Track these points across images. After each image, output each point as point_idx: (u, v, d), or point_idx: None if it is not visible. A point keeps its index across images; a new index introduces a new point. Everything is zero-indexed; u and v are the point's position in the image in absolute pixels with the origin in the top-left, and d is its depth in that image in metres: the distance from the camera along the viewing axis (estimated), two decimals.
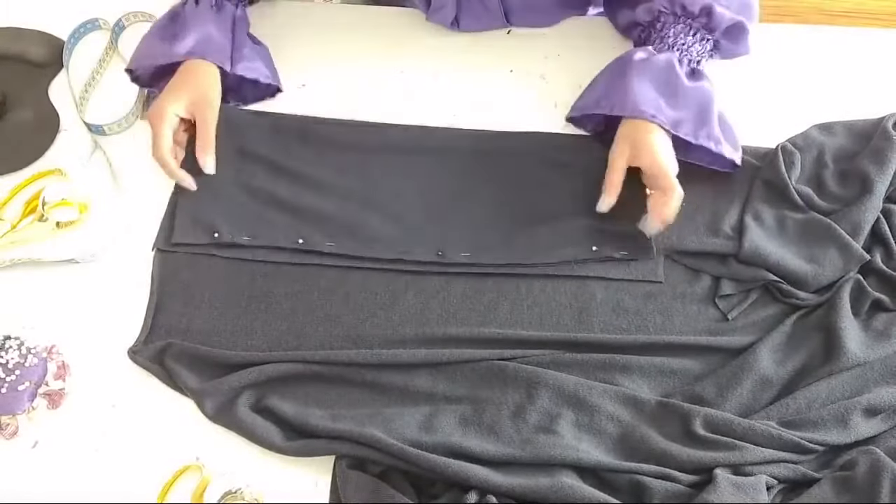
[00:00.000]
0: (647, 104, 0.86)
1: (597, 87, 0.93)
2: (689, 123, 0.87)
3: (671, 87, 0.88)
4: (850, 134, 0.95)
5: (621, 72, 0.90)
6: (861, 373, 0.79)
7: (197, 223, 0.87)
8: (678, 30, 0.91)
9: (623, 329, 0.83)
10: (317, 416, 0.75)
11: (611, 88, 0.90)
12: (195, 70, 0.91)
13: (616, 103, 0.88)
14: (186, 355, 0.79)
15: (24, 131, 0.95)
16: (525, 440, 0.74)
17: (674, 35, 0.91)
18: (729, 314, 0.84)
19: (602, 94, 0.91)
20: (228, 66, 0.92)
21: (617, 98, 0.88)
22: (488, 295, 0.85)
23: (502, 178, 0.92)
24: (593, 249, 0.86)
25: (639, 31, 0.96)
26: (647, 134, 0.85)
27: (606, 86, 0.91)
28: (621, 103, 0.88)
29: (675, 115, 0.87)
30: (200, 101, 0.90)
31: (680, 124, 0.87)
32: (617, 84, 0.89)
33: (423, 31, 1.04)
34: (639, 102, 0.86)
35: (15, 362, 0.76)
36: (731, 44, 0.93)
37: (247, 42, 0.97)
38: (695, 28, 0.91)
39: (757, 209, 0.89)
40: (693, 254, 0.87)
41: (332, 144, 0.94)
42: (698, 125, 0.87)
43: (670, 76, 0.88)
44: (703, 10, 0.89)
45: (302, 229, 0.88)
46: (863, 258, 0.85)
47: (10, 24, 1.03)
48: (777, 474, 0.73)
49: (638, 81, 0.87)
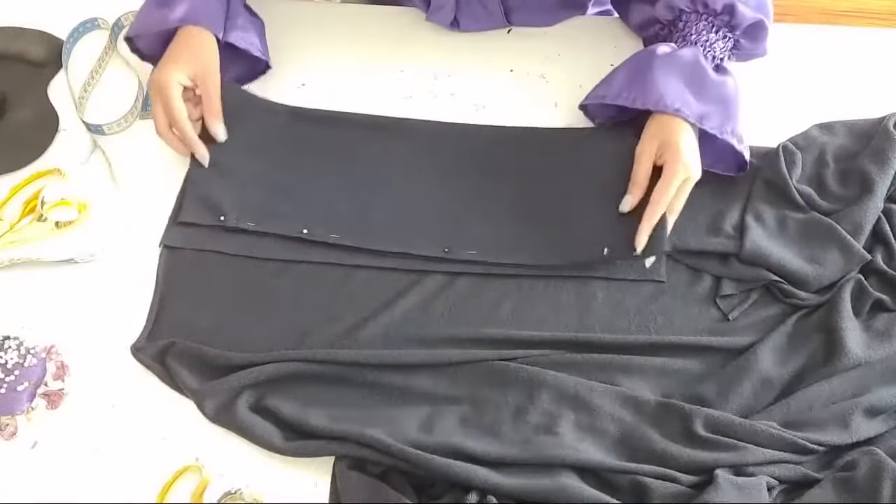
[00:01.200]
0: (673, 97, 0.85)
1: (617, 78, 0.91)
2: (715, 118, 0.86)
3: (698, 80, 0.87)
4: (851, 133, 0.95)
5: (645, 65, 0.89)
6: (862, 373, 0.79)
7: (205, 204, 0.88)
8: (700, 27, 0.90)
9: (624, 329, 0.82)
10: (317, 417, 0.75)
11: (634, 81, 0.89)
12: (192, 37, 0.90)
13: (639, 95, 0.87)
14: (188, 355, 0.79)
15: (24, 131, 0.95)
16: (525, 440, 0.74)
17: (696, 32, 0.90)
18: (730, 314, 0.84)
19: (624, 85, 0.89)
20: (221, 34, 0.91)
21: (640, 90, 0.87)
22: (491, 294, 0.84)
23: (514, 175, 0.91)
24: (604, 253, 0.85)
25: (657, 28, 0.96)
26: (677, 135, 0.85)
27: (629, 78, 0.90)
28: (645, 96, 0.87)
29: (701, 108, 0.86)
30: (202, 69, 0.89)
31: (706, 118, 0.86)
32: (640, 77, 0.88)
33: (423, 31, 1.04)
34: (665, 95, 0.85)
35: (14, 362, 0.76)
36: (751, 43, 0.93)
37: (241, 11, 0.96)
38: (717, 26, 0.90)
39: (758, 209, 0.89)
40: (694, 253, 0.87)
41: (345, 138, 0.94)
42: (724, 120, 0.86)
43: (696, 69, 0.88)
44: (726, 8, 0.89)
45: (307, 219, 0.87)
46: (864, 258, 0.85)
47: (10, 24, 1.03)
48: (778, 475, 0.73)
49: (663, 74, 0.87)
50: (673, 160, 0.84)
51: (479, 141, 0.94)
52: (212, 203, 0.88)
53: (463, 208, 0.89)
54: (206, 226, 0.87)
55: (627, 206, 0.86)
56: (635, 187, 0.86)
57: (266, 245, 0.87)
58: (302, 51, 1.02)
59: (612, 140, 0.92)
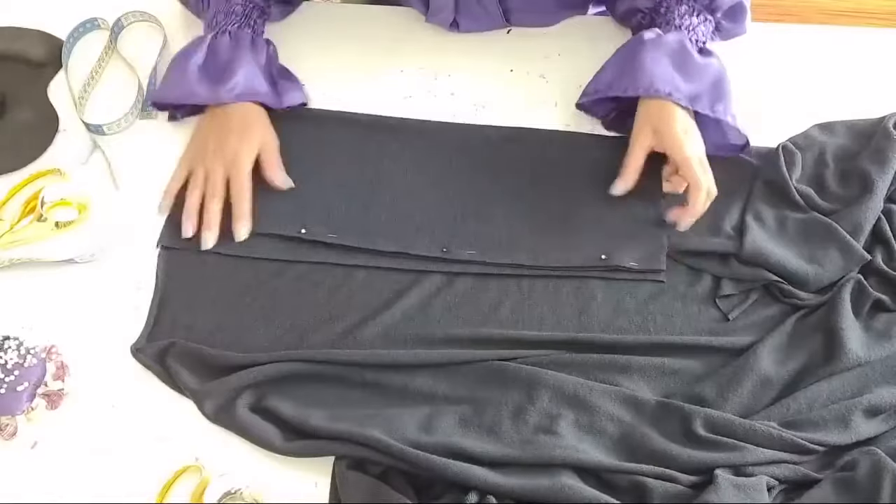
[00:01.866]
0: (662, 82, 0.86)
1: (608, 71, 0.92)
2: (705, 97, 0.87)
3: (684, 63, 0.88)
4: (851, 133, 0.95)
5: (632, 53, 0.90)
6: (862, 373, 0.79)
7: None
8: (682, 11, 0.92)
9: (624, 329, 0.83)
10: (316, 417, 0.75)
11: (623, 70, 0.90)
12: (249, 113, 0.91)
13: (629, 84, 0.88)
14: (189, 356, 0.79)
15: (24, 131, 0.95)
16: (525, 441, 0.74)
17: (679, 17, 0.91)
18: (729, 314, 0.84)
19: (614, 76, 0.90)
20: (280, 105, 0.93)
21: (630, 78, 0.88)
22: (490, 294, 0.84)
23: (514, 176, 0.91)
24: (602, 258, 0.85)
25: (639, 17, 0.97)
26: (670, 119, 0.86)
27: (619, 68, 0.91)
28: (635, 83, 0.87)
29: (690, 89, 0.87)
30: (267, 146, 0.90)
31: (697, 99, 0.87)
32: (629, 65, 0.89)
33: (422, 31, 1.04)
34: (655, 80, 0.86)
35: (14, 363, 0.76)
36: (731, 24, 0.95)
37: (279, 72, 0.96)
38: (697, 9, 0.92)
39: (758, 209, 0.89)
40: (694, 253, 0.87)
41: (342, 137, 0.94)
42: (714, 99, 0.87)
43: (682, 53, 0.89)
44: None
45: (305, 219, 0.87)
46: (864, 258, 0.85)
47: (10, 24, 1.03)
48: (778, 475, 0.73)
49: (651, 60, 0.88)
50: (673, 148, 0.85)
51: (477, 141, 0.94)
52: None
53: (461, 208, 0.89)
54: None
55: (619, 190, 0.87)
56: (628, 172, 0.87)
57: (264, 245, 0.86)
58: (302, 51, 1.02)
59: (611, 146, 0.93)
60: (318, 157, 0.92)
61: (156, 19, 1.04)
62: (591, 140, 0.95)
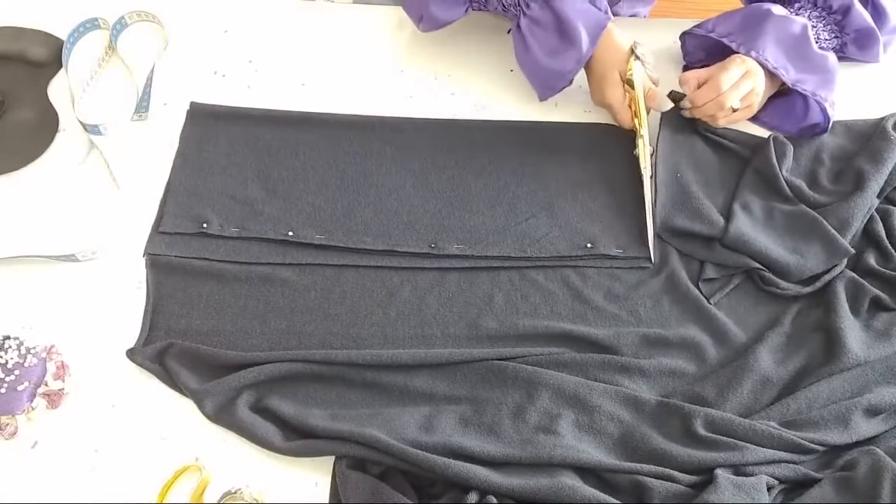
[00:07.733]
0: (776, 56, 0.89)
1: (730, 20, 0.94)
2: (810, 83, 0.90)
3: (801, 49, 0.91)
4: (850, 133, 0.96)
5: (760, 18, 0.92)
6: (862, 373, 0.79)
7: (186, 212, 0.88)
8: (813, 16, 0.94)
9: (615, 315, 0.83)
10: (316, 417, 0.75)
11: (745, 28, 0.92)
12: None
13: (745, 42, 0.90)
14: (187, 355, 0.79)
15: (24, 131, 0.95)
16: (525, 440, 0.74)
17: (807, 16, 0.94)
18: (711, 298, 0.85)
19: (735, 30, 0.92)
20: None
21: (748, 38, 0.90)
22: (483, 287, 0.85)
23: (497, 168, 0.92)
24: (587, 246, 0.87)
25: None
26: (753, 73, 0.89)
27: (741, 24, 0.92)
28: (751, 43, 0.90)
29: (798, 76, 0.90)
30: None
31: (801, 83, 0.90)
32: (752, 28, 0.91)
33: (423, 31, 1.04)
34: (767, 51, 0.89)
35: (14, 362, 0.76)
36: (858, 50, 0.97)
37: None
38: (829, 23, 0.94)
39: (746, 198, 0.90)
40: (680, 234, 0.88)
41: (325, 138, 0.94)
42: (818, 86, 0.90)
43: (802, 39, 0.91)
44: (841, 8, 0.93)
45: (292, 221, 0.88)
46: (847, 252, 0.85)
47: (10, 24, 1.03)
48: (778, 474, 0.73)
49: (774, 33, 0.90)
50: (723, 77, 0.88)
51: (458, 135, 0.95)
52: (193, 212, 0.88)
53: (447, 203, 0.90)
54: (188, 234, 0.87)
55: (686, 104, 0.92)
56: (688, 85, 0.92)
57: (252, 249, 0.86)
58: (302, 51, 1.02)
59: (594, 135, 0.94)
60: (299, 159, 0.92)
61: (156, 19, 1.04)
62: (573, 129, 0.96)
